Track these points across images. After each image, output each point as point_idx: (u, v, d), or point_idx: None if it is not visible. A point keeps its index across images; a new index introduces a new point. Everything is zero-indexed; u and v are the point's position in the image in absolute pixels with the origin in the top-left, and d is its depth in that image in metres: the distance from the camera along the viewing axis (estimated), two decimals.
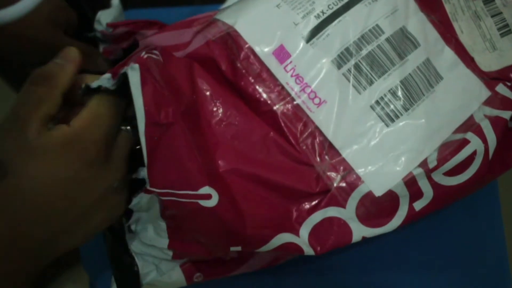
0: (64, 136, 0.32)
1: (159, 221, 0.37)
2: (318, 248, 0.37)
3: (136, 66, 0.32)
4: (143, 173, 0.34)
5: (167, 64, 0.35)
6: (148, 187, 0.34)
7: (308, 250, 0.37)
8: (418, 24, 0.39)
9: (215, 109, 0.36)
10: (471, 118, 0.38)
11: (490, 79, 0.40)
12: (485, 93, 0.39)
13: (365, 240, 0.47)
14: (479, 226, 0.50)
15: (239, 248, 0.37)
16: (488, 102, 0.39)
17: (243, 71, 0.37)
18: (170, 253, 0.39)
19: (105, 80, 0.33)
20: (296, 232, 0.37)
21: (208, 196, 0.35)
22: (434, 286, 0.47)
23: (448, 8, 0.41)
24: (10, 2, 0.39)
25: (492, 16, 0.41)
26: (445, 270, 0.48)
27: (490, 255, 0.49)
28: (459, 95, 0.39)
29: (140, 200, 0.35)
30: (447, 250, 0.48)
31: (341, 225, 0.37)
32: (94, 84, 0.33)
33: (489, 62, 0.40)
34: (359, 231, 0.37)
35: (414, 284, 0.47)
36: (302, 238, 0.37)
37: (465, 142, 0.38)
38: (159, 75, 0.34)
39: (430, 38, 0.40)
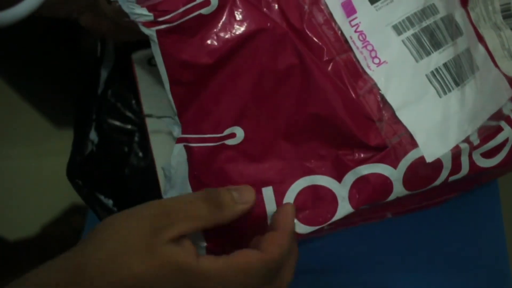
0: (188, 263, 0.30)
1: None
2: (357, 199, 0.37)
3: (156, 41, 0.35)
4: (175, 121, 0.37)
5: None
6: (181, 135, 0.37)
7: (343, 199, 0.37)
8: (460, 16, 0.41)
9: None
10: (500, 110, 0.40)
11: (510, 80, 0.42)
12: (510, 91, 0.41)
13: (364, 239, 0.47)
14: (479, 226, 0.49)
15: (270, 189, 0.37)
16: (511, 99, 0.41)
17: (311, 18, 0.38)
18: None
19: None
20: (339, 178, 0.37)
21: (233, 135, 0.37)
22: (434, 286, 0.47)
23: (473, 16, 0.43)
24: (11, 3, 0.36)
25: (511, 29, 0.43)
26: (445, 270, 0.47)
27: (490, 255, 0.49)
28: (491, 87, 0.40)
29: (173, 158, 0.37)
30: (447, 250, 0.48)
31: (387, 184, 0.37)
32: None
33: (507, 69, 0.42)
34: (398, 192, 0.37)
35: (414, 284, 0.46)
36: (344, 185, 0.37)
37: (500, 128, 0.39)
38: (195, 32, 0.36)
39: (469, 31, 0.41)
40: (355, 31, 0.38)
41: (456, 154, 0.37)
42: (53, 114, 1.00)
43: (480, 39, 0.42)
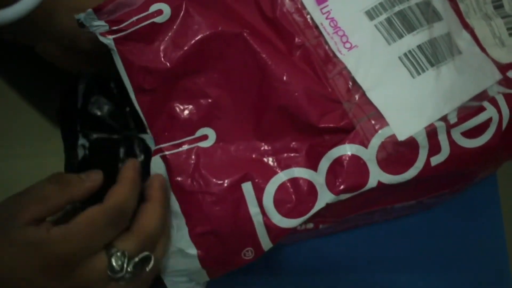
0: (37, 237, 0.32)
1: (184, 240, 0.39)
2: (335, 184, 0.37)
3: (115, 49, 0.38)
4: (148, 135, 0.39)
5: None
6: (155, 147, 0.38)
7: (321, 186, 0.38)
8: (441, 3, 0.41)
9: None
10: (485, 91, 0.40)
11: (501, 66, 0.42)
12: (498, 75, 0.41)
13: (364, 239, 0.47)
14: (479, 226, 0.50)
15: (249, 185, 0.38)
16: (500, 83, 0.41)
17: (282, 7, 0.39)
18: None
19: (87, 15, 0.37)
20: (314, 167, 0.38)
21: (205, 137, 0.39)
22: (434, 286, 0.47)
23: (462, 7, 0.43)
24: (9, 2, 0.37)
25: (502, 18, 0.44)
26: (445, 270, 0.48)
27: (490, 255, 0.49)
28: (475, 70, 0.40)
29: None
30: (447, 250, 0.48)
31: (360, 165, 0.37)
32: (79, 16, 0.37)
33: (498, 56, 0.43)
34: (376, 175, 0.37)
35: (414, 284, 0.47)
36: (320, 172, 0.38)
37: (482, 108, 0.39)
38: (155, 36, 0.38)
39: (450, 18, 0.42)
40: (326, 18, 0.39)
41: (431, 132, 0.38)
42: (53, 114, 1.00)
43: (466, 26, 0.42)
